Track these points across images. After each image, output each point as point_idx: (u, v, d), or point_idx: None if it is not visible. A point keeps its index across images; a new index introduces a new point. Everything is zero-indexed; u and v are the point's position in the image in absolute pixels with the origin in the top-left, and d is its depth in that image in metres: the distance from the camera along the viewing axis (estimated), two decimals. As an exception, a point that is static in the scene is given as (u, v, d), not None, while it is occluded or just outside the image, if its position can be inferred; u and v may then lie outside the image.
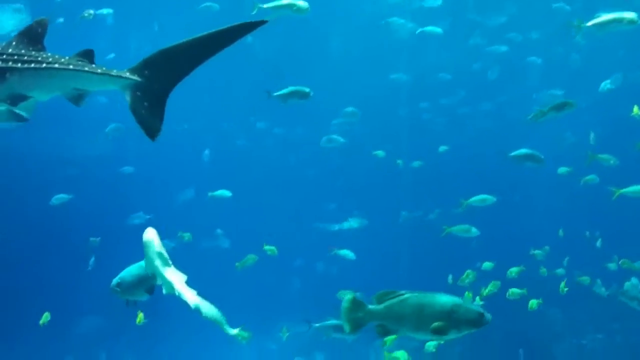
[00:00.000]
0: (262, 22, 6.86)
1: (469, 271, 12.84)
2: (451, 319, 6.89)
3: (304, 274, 18.49)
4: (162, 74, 7.34)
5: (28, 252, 14.34)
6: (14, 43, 7.81)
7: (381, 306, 7.05)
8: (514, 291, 12.22)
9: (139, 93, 7.39)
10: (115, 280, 9.20)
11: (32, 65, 7.52)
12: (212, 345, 16.22)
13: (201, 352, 16.82)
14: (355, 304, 7.05)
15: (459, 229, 13.52)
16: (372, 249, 16.89)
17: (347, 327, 7.12)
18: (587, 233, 15.87)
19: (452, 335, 6.92)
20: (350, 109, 17.28)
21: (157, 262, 7.49)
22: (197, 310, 7.66)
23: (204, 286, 15.27)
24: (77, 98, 7.99)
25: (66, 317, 13.07)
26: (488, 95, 19.71)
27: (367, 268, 16.46)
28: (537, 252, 14.77)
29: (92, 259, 13.22)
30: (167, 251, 7.87)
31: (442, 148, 17.14)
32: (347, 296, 7.07)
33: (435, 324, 6.89)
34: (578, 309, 15.21)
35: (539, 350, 14.16)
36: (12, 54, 7.73)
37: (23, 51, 7.70)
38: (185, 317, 16.03)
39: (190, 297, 7.57)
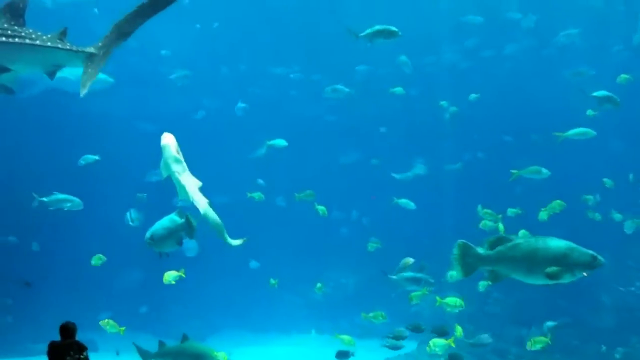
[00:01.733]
0: None
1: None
2: (565, 263, 6.79)
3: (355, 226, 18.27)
4: (106, 45, 8.21)
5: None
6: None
7: (492, 252, 7.01)
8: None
9: (89, 62, 8.25)
10: (148, 233, 9.47)
11: (16, 40, 8.03)
12: (259, 294, 16.40)
13: (243, 299, 16.96)
14: (466, 250, 7.04)
15: (529, 170, 13.01)
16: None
17: (458, 273, 7.23)
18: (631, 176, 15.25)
19: (567, 279, 6.84)
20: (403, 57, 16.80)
21: (174, 167, 7.41)
22: (205, 217, 7.74)
23: (263, 238, 15.52)
24: (52, 73, 8.58)
25: (108, 272, 13.29)
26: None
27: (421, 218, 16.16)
28: (588, 197, 14.27)
29: (131, 213, 13.25)
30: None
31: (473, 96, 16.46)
32: (458, 242, 7.07)
33: (550, 268, 6.79)
34: (627, 256, 14.66)
35: (587, 297, 13.73)
36: None
37: (6, 25, 8.13)
38: (226, 268, 16.47)
39: (202, 203, 7.65)
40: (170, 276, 9.84)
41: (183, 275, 9.93)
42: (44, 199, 12.53)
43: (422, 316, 14.90)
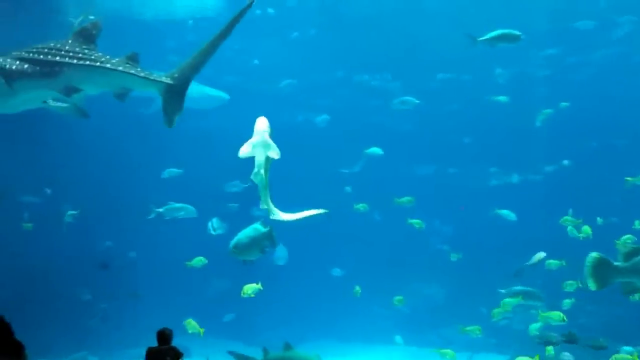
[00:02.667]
0: (248, 7, 8.45)
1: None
2: None
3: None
4: (185, 76, 8.96)
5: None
6: (70, 41, 9.01)
7: (628, 263, 6.84)
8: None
9: (169, 94, 8.97)
10: (232, 242, 9.82)
11: (87, 62, 8.76)
12: (343, 303, 16.41)
13: (328, 308, 16.99)
14: (600, 262, 6.95)
15: None
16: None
17: (591, 284, 7.14)
18: None
19: None
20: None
21: (259, 150, 7.43)
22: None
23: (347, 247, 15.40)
24: (121, 95, 9.22)
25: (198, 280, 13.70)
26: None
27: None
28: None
29: (213, 223, 13.68)
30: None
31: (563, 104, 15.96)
32: (592, 254, 7.00)
33: None
34: None
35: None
36: (69, 51, 8.93)
37: (78, 49, 8.91)
38: (310, 276, 16.57)
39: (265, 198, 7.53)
40: (249, 289, 10.10)
41: (261, 288, 10.16)
42: (160, 209, 13.12)
43: (510, 330, 14.54)
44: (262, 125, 7.34)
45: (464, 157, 18.15)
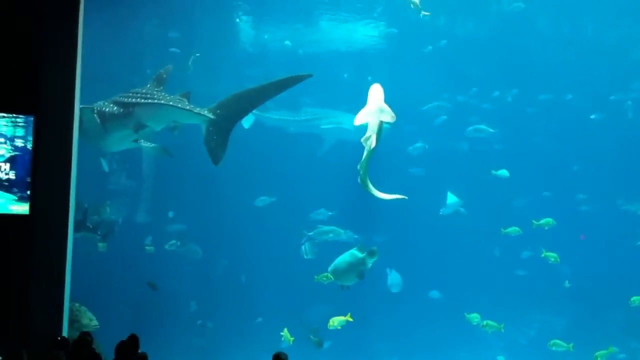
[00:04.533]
0: (308, 76, 8.62)
1: None
2: None
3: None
4: (229, 114, 9.33)
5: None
6: (148, 85, 10.06)
7: None
8: None
9: (211, 128, 9.55)
10: (330, 267, 9.89)
11: (149, 101, 9.54)
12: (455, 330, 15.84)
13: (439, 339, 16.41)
14: None
15: None
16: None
17: None
18: None
19: None
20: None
21: (374, 115, 7.31)
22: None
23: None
24: (173, 128, 9.92)
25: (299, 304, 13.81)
26: None
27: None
28: None
29: (306, 247, 13.82)
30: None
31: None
32: None
33: None
34: None
35: None
36: (139, 93, 10.03)
37: (146, 91, 9.86)
38: (406, 298, 16.13)
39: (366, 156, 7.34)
40: (336, 321, 10.05)
41: (350, 320, 10.09)
42: (310, 233, 13.60)
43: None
44: (376, 92, 7.28)
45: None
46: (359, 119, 7.25)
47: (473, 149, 16.71)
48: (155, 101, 9.82)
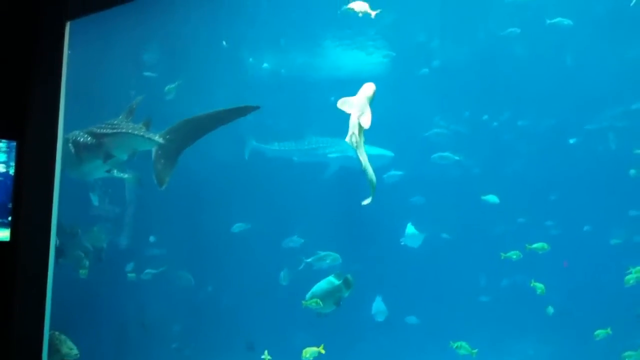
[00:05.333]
0: (256, 107, 9.00)
1: None
2: None
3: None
4: (177, 139, 9.64)
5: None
6: (120, 117, 10.39)
7: None
8: None
9: (160, 152, 9.85)
10: (308, 295, 9.98)
11: (114, 130, 9.81)
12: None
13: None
14: None
15: None
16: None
17: None
18: None
19: None
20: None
21: (354, 111, 7.28)
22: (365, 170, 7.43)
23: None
24: (132, 154, 10.22)
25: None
26: None
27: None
28: None
29: (283, 273, 13.90)
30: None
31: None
32: None
33: None
34: None
35: None
36: (110, 123, 10.40)
37: (116, 122, 10.38)
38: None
39: (363, 157, 7.35)
40: (308, 352, 10.08)
41: (322, 352, 10.11)
42: (309, 259, 13.59)
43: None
44: (367, 89, 7.25)
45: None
46: (341, 104, 7.19)
47: (450, 173, 16.87)
48: (117, 130, 10.09)
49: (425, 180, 16.55)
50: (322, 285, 10.07)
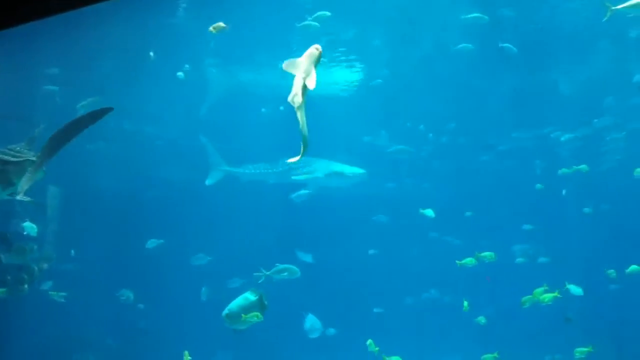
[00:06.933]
0: (109, 109, 9.36)
1: None
2: None
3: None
4: (45, 154, 9.60)
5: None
6: (22, 144, 10.43)
7: None
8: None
9: (30, 168, 9.74)
10: (224, 311, 10.04)
11: (17, 159, 10.05)
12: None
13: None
14: None
15: None
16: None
17: None
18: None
19: None
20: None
21: (299, 72, 7.08)
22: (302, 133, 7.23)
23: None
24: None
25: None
26: None
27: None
28: None
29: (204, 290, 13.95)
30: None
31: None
32: None
33: None
34: None
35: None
36: (11, 151, 10.31)
37: (18, 148, 10.11)
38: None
39: (302, 118, 7.09)
40: None
41: None
42: (268, 272, 13.38)
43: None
44: (313, 50, 6.97)
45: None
46: (286, 66, 7.01)
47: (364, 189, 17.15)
48: (20, 159, 10.22)
49: (341, 198, 16.83)
50: (239, 301, 10.09)
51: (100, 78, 15.70)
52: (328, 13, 13.21)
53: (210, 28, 11.34)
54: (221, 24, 11.22)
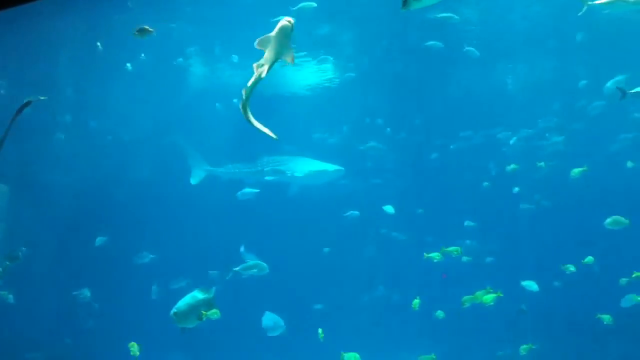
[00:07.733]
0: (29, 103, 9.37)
1: None
2: None
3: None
4: None
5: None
6: None
7: None
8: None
9: None
10: (173, 310, 9.98)
11: None
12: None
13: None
14: None
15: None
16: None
17: None
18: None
19: None
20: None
21: (275, 46, 6.71)
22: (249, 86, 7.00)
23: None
24: None
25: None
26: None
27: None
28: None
29: (154, 287, 13.88)
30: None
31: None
32: None
33: None
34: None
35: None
36: None
37: None
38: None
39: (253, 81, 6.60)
40: None
41: None
42: (237, 269, 13.39)
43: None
44: (285, 22, 6.58)
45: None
46: (259, 43, 6.69)
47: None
48: None
49: (291, 196, 16.88)
50: (187, 299, 10.01)
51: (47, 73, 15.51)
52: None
53: (135, 32, 10.75)
54: (147, 27, 10.70)
